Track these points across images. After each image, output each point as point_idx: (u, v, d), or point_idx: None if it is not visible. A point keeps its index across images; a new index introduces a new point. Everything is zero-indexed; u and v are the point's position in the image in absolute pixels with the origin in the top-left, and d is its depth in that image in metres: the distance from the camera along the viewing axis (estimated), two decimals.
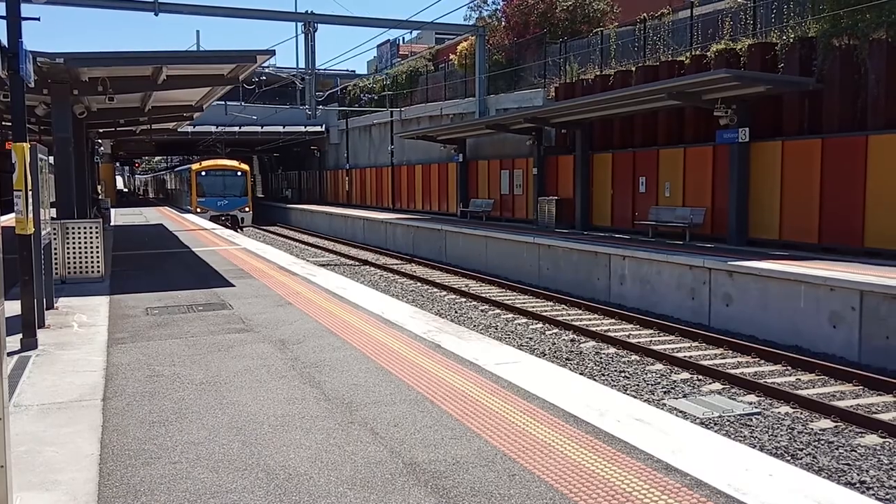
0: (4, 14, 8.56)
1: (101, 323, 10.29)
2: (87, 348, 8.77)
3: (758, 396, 11.17)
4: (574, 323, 16.47)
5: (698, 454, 5.18)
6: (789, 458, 8.77)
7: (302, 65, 37.11)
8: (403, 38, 71.06)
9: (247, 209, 43.10)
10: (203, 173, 42.91)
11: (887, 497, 7.84)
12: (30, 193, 8.75)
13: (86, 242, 14.19)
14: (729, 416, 10.19)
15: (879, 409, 10.65)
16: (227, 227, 35.50)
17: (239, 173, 43.75)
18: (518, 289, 21.71)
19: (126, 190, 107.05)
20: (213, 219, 39.07)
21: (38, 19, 9.18)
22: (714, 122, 20.20)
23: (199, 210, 41.71)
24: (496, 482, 4.77)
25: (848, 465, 8.62)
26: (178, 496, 4.64)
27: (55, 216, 14.06)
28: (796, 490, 4.61)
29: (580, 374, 12.05)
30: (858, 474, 8.36)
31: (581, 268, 21.12)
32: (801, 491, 4.59)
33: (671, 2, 30.39)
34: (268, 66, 43.33)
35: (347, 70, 63.83)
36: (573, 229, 26.21)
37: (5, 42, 8.45)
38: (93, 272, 14.24)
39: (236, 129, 51.05)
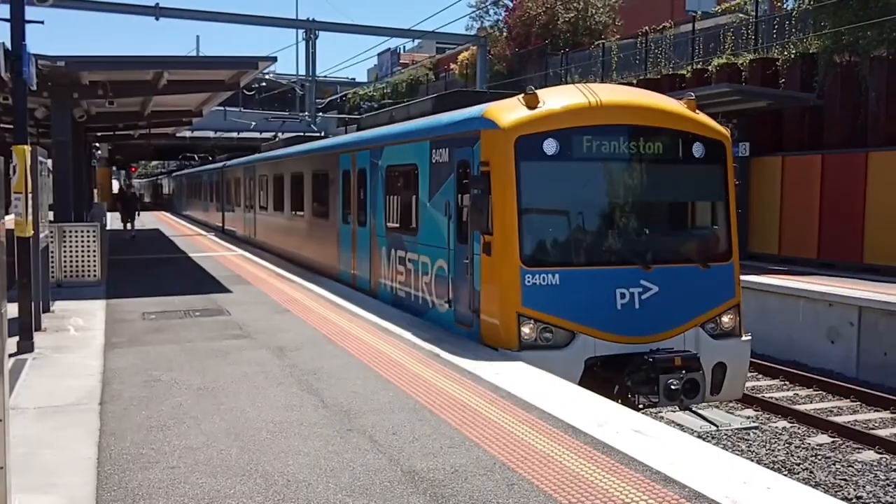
0: (8, 17, 8.56)
1: (98, 327, 10.26)
2: (83, 352, 8.74)
3: (755, 411, 11.17)
4: None
5: (696, 466, 5.16)
6: (787, 472, 8.76)
7: (302, 71, 37.29)
8: (404, 47, 71.20)
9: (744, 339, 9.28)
10: (553, 146, 8.64)
11: None
12: (30, 196, 8.74)
13: (83, 246, 14.16)
14: (727, 430, 10.16)
15: (877, 424, 10.64)
16: None
17: (701, 150, 9.24)
18: None
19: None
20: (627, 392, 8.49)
21: (42, 23, 9.21)
22: None
23: (527, 336, 8.44)
24: (494, 491, 4.75)
25: (845, 480, 8.62)
26: (176, 501, 4.62)
27: (52, 219, 14.05)
28: (794, 503, 4.61)
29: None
30: (855, 489, 8.36)
31: None
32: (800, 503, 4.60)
33: (673, 15, 30.53)
34: (268, 73, 43.37)
35: (347, 78, 63.95)
36: None
37: (8, 44, 8.45)
38: (90, 276, 14.20)
39: (235, 134, 51.03)
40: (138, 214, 29.40)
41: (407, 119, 12.64)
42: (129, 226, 27.34)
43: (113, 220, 30.98)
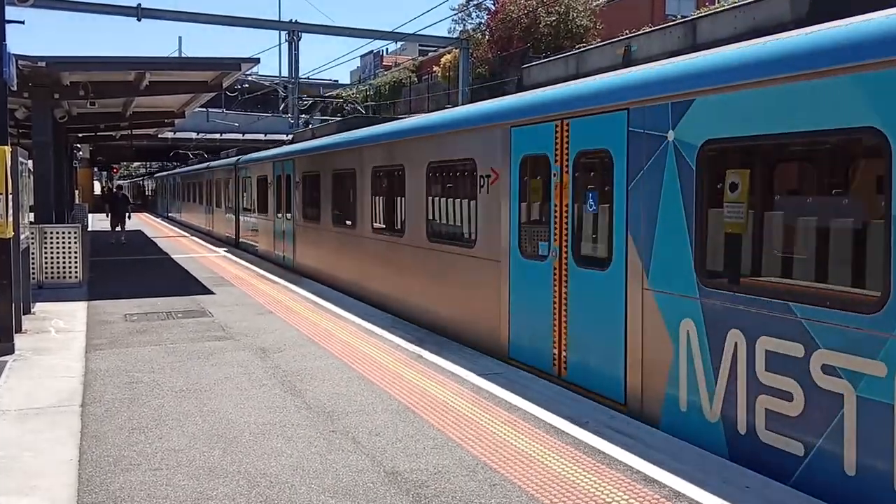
0: None
1: (79, 329, 10.20)
2: (64, 354, 8.69)
3: None
4: None
5: (678, 467, 5.21)
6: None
7: (285, 73, 37.18)
8: (387, 49, 71.29)
9: None
10: None
11: None
12: (10, 197, 8.70)
13: (64, 247, 14.07)
14: None
15: None
16: None
17: None
18: None
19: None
20: None
21: (23, 23, 9.17)
22: None
23: None
24: (477, 492, 4.78)
25: None
26: (158, 503, 4.61)
27: (33, 220, 13.96)
28: (774, 502, 4.68)
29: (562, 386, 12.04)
30: None
31: None
32: (779, 502, 4.66)
33: (653, 19, 30.76)
34: (250, 74, 43.27)
35: (330, 79, 63.94)
36: None
37: None
38: (71, 277, 14.12)
39: (217, 135, 50.90)
40: (129, 217, 26.63)
41: (679, 52, 6.57)
42: (118, 229, 25.86)
43: (95, 222, 30.70)
